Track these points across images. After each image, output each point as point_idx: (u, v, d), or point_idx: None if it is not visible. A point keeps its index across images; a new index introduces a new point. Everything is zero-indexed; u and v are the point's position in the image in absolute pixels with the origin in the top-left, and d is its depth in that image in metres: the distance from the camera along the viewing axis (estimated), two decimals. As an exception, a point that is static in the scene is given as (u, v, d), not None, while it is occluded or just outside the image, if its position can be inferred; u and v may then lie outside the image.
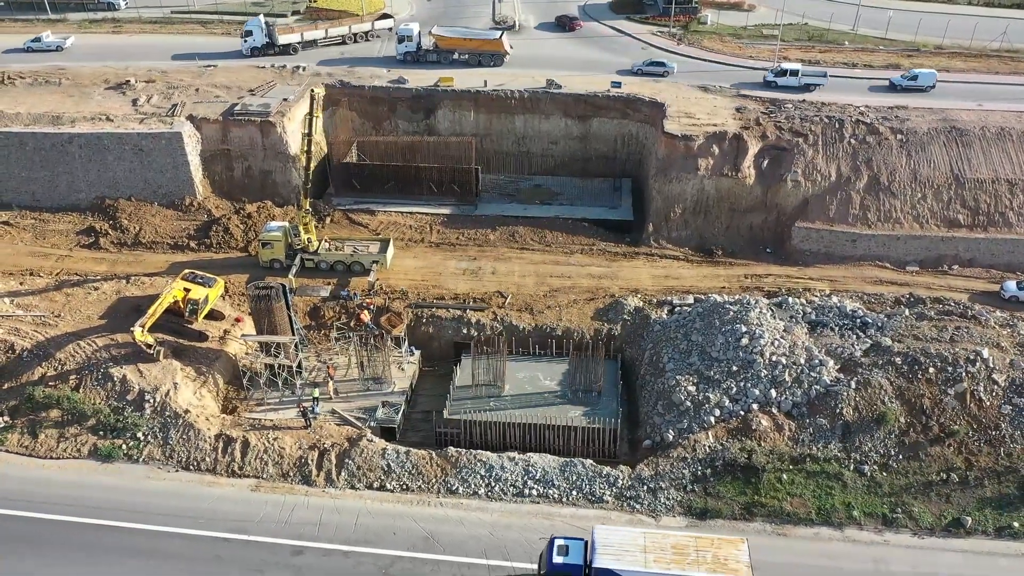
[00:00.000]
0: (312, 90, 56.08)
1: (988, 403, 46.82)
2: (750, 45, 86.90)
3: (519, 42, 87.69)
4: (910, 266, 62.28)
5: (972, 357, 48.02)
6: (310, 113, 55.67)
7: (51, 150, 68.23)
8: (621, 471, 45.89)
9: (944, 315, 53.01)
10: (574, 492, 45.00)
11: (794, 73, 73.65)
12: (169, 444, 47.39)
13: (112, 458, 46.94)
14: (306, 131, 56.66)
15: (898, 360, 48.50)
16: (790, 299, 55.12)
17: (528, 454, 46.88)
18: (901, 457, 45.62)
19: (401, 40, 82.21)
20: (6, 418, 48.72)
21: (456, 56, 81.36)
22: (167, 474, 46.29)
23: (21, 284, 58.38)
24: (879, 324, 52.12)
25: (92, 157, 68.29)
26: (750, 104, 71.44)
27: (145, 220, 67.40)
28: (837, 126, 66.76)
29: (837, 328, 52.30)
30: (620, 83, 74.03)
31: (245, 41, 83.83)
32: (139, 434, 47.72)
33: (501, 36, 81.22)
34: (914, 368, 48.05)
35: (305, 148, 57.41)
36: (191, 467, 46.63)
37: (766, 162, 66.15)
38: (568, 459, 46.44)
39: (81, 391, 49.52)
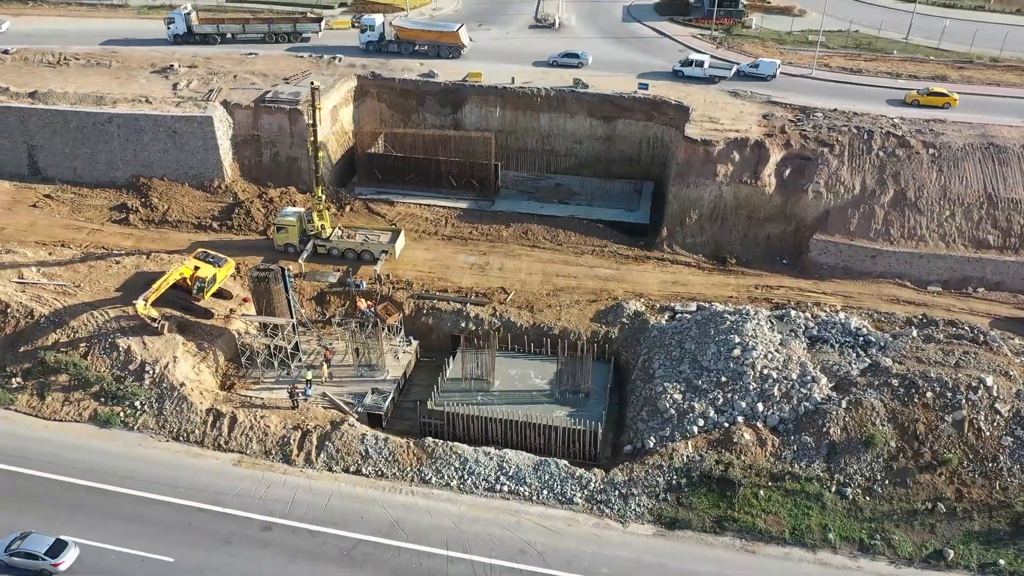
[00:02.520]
0: (312, 83, 57.37)
1: (988, 433, 44.66)
2: (792, 51, 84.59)
3: (552, 40, 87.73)
4: (932, 286, 59.72)
5: (975, 384, 45.90)
6: (312, 105, 56.95)
7: (92, 128, 71.59)
8: (594, 474, 45.58)
9: (954, 339, 50.74)
10: (545, 491, 44.90)
11: (699, 64, 75.57)
12: (163, 415, 49.29)
13: (110, 424, 49.05)
14: (310, 122, 58.02)
15: (895, 382, 46.72)
16: (792, 312, 53.63)
17: (504, 450, 47.00)
18: (887, 482, 43.93)
19: (364, 30, 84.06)
20: (19, 379, 51.46)
21: (417, 47, 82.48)
22: (158, 443, 48.14)
23: (50, 254, 61.45)
24: (882, 344, 50.25)
25: (129, 137, 71.36)
26: (779, 111, 69.67)
27: (174, 200, 70.05)
28: (866, 137, 64.48)
29: (837, 345, 50.69)
30: (647, 84, 73.20)
31: (168, 28, 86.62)
32: (137, 403, 49.79)
33: (458, 29, 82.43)
34: (911, 391, 46.20)
35: (312, 138, 58.69)
36: (181, 438, 48.38)
37: (788, 171, 64.40)
38: (543, 458, 46.37)
39: (89, 358, 51.91)
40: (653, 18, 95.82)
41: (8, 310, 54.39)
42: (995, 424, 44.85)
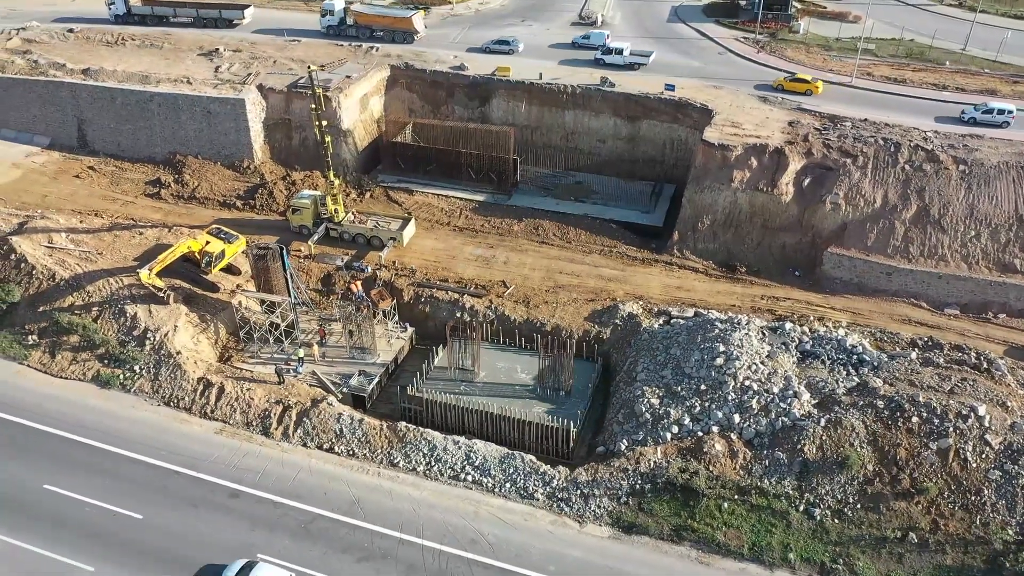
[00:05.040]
0: (309, 67, 58.69)
1: (974, 465, 42.40)
2: (837, 58, 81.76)
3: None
4: (950, 309, 57.01)
5: (965, 412, 43.63)
6: (312, 90, 58.32)
7: (135, 106, 75.24)
8: (559, 472, 45.42)
9: (955, 364, 48.35)
10: (508, 484, 44.99)
11: (619, 52, 79.63)
12: (158, 380, 51.50)
13: (110, 385, 51.56)
14: (313, 107, 59.41)
15: (880, 403, 44.84)
16: (787, 325, 52.02)
17: (473, 440, 47.31)
18: (859, 506, 42.24)
19: (324, 15, 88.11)
20: (35, 337, 54.65)
21: (374, 32, 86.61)
22: (150, 407, 50.34)
23: (81, 222, 64.88)
24: (875, 364, 48.28)
25: (168, 115, 74.70)
26: (806, 119, 67.57)
27: (205, 177, 72.96)
28: (892, 149, 61.91)
29: (828, 362, 48.95)
30: (673, 86, 72.11)
31: (110, 9, 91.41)
32: (136, 367, 52.18)
33: (412, 16, 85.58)
34: (896, 415, 44.27)
35: (317, 123, 60.08)
36: (171, 404, 50.45)
37: (807, 180, 62.48)
38: (510, 451, 46.48)
39: (99, 322, 54.68)
40: (699, 19, 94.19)
41: (33, 272, 57.74)
42: (983, 456, 42.55)
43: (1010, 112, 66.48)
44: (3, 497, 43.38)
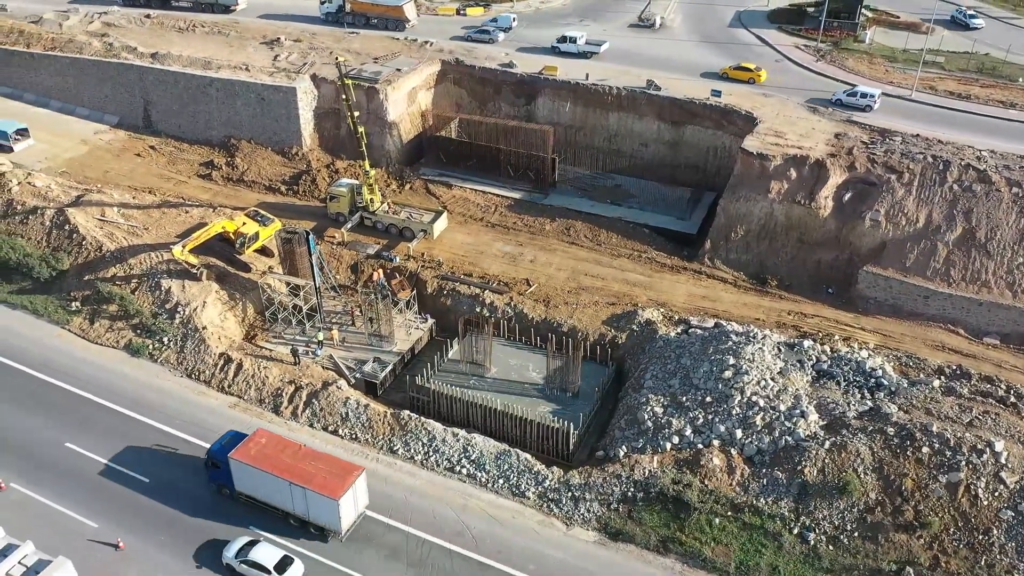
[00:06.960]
0: (336, 58, 59.96)
1: (985, 502, 40.33)
2: (901, 70, 78.35)
3: (645, 39, 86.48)
4: (989, 338, 54.12)
5: (981, 447, 41.48)
6: (342, 81, 59.61)
7: (195, 90, 78.48)
8: (552, 472, 45.38)
9: (980, 395, 45.95)
10: (500, 481, 45.27)
11: (573, 40, 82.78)
12: (183, 352, 53.89)
13: (139, 354, 54.24)
14: (344, 97, 60.73)
15: (890, 430, 43.08)
16: (806, 343, 50.41)
17: (472, 434, 47.72)
18: (856, 535, 40.77)
19: (323, 2, 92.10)
20: (78, 304, 57.94)
21: (369, 19, 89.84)
22: (173, 377, 52.76)
23: (133, 198, 68.24)
24: (893, 389, 46.36)
25: (225, 100, 77.63)
26: (853, 131, 65.07)
27: (254, 161, 75.55)
28: (941, 167, 59.05)
29: (844, 383, 47.28)
30: (720, 92, 70.58)
31: None
32: (165, 339, 54.71)
33: (403, 5, 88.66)
34: (905, 443, 42.46)
35: (349, 113, 61.41)
36: (193, 376, 52.73)
37: (848, 195, 60.27)
38: (506, 448, 46.68)
39: (136, 293, 57.55)
40: (762, 25, 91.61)
41: (83, 242, 61.14)
42: (996, 494, 40.38)
43: (872, 96, 69.56)
44: (26, 451, 46.30)
